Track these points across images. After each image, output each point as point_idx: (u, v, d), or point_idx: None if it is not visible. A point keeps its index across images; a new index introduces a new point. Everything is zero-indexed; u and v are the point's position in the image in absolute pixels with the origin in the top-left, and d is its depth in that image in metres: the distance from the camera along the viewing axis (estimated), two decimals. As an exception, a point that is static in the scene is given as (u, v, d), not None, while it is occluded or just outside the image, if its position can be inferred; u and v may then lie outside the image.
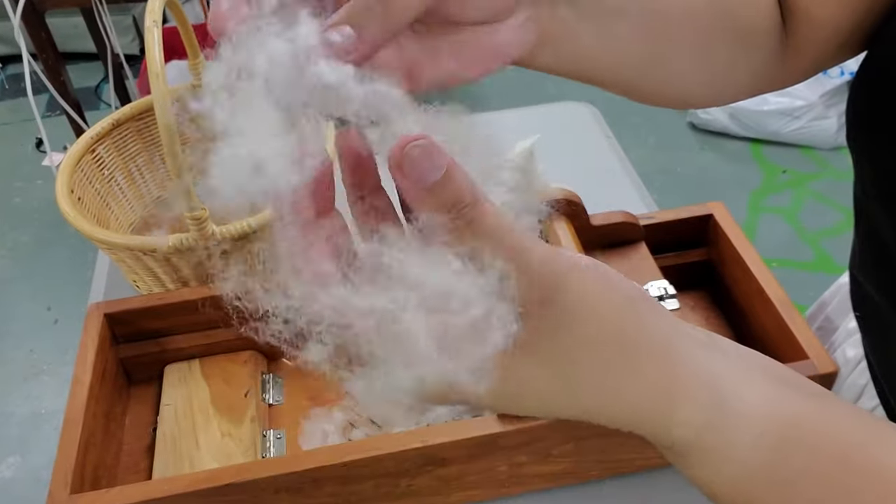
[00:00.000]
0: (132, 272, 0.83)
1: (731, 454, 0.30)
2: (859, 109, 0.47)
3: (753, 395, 0.31)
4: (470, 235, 0.27)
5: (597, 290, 0.29)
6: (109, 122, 0.91)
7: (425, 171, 0.27)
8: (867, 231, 0.52)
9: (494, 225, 0.27)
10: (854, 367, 0.67)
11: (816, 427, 0.30)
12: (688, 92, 0.49)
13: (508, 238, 0.27)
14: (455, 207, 0.27)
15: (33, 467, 1.74)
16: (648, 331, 0.30)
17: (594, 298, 0.29)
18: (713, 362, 0.31)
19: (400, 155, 0.27)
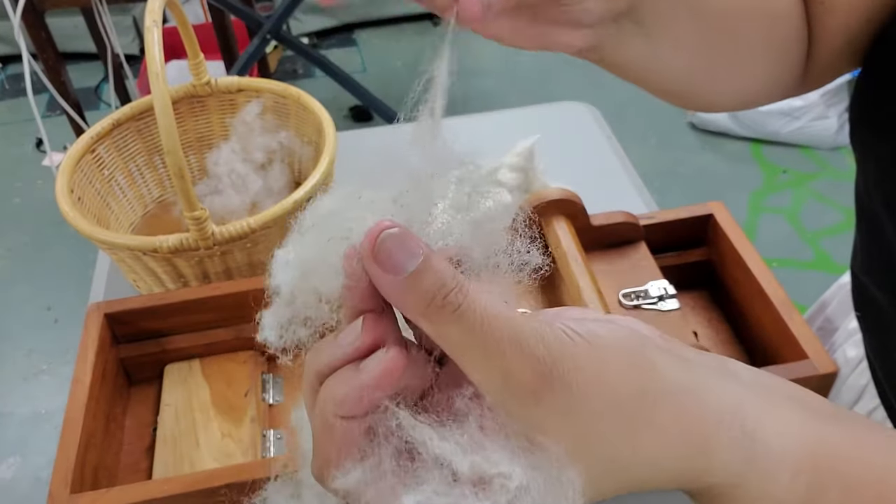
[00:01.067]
0: (132, 272, 0.83)
1: (769, 494, 0.29)
2: (862, 109, 0.47)
3: (778, 425, 0.29)
4: (458, 325, 0.26)
5: (595, 357, 0.27)
6: (109, 122, 0.91)
7: (402, 259, 0.26)
8: (869, 231, 0.52)
9: (483, 309, 0.26)
10: (854, 368, 0.67)
11: (845, 455, 0.29)
12: (723, 100, 0.50)
13: (498, 324, 0.26)
14: (440, 294, 0.26)
15: (33, 467, 1.74)
16: (659, 381, 0.28)
17: (596, 365, 0.27)
18: (731, 393, 0.29)
19: (373, 245, 0.26)
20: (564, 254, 0.70)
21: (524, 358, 0.25)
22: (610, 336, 0.28)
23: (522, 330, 0.26)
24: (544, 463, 0.26)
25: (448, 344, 0.26)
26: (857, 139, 0.49)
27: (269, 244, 0.81)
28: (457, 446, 0.26)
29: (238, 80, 0.97)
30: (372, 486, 0.27)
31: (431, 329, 0.26)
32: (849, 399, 0.67)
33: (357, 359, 0.28)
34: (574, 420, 0.26)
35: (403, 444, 0.27)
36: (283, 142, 0.96)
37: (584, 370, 0.26)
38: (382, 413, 0.27)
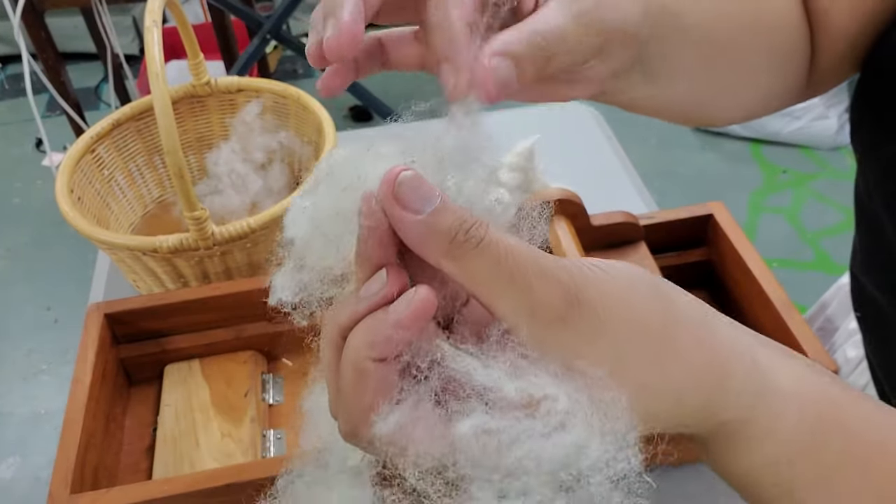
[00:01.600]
0: (132, 272, 0.83)
1: (776, 433, 0.29)
2: (863, 110, 0.47)
3: (787, 370, 0.30)
4: (483, 259, 0.26)
5: (619, 282, 0.28)
6: (109, 122, 0.91)
7: (421, 198, 0.26)
8: (869, 231, 0.52)
9: (505, 243, 0.26)
10: (854, 368, 0.67)
11: (847, 409, 0.30)
12: (729, 115, 0.51)
13: (521, 255, 0.26)
14: (462, 230, 0.26)
15: (33, 467, 1.74)
16: (678, 312, 0.29)
17: (619, 292, 0.27)
18: (743, 334, 0.31)
19: (392, 186, 0.26)
20: (564, 254, 0.70)
21: (550, 285, 0.26)
22: (628, 270, 0.28)
23: (546, 261, 0.26)
24: (587, 385, 0.26)
25: (474, 280, 0.26)
26: (858, 140, 0.49)
27: (270, 244, 0.80)
28: (501, 373, 0.26)
29: (238, 80, 0.97)
30: (416, 426, 0.26)
31: (456, 267, 0.26)
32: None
33: (382, 306, 0.28)
34: (603, 344, 0.26)
35: (442, 379, 0.27)
36: (283, 142, 0.96)
37: (609, 296, 0.27)
38: (419, 349, 0.27)
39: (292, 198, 0.32)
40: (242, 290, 0.75)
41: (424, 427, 0.27)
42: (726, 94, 0.48)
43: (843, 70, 0.50)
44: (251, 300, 0.76)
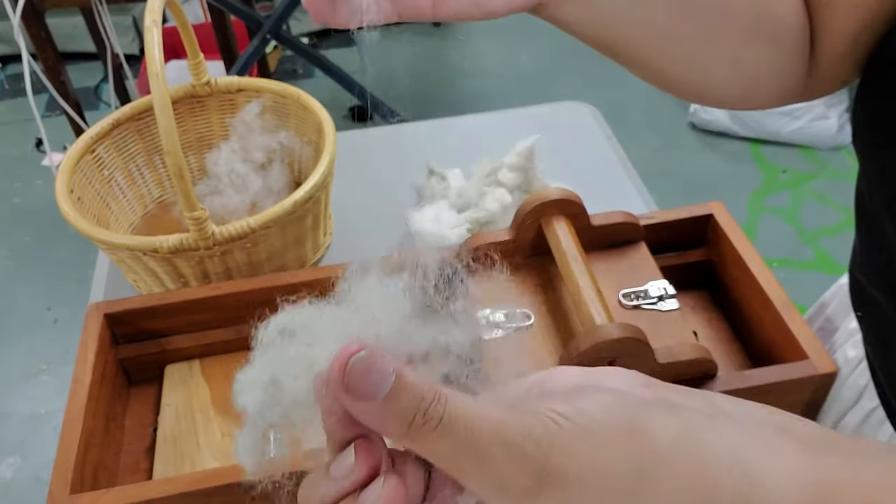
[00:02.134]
0: (132, 272, 0.83)
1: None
2: (865, 111, 0.47)
3: (778, 467, 0.28)
4: (444, 440, 0.25)
5: (586, 441, 0.26)
6: (109, 122, 0.91)
7: (374, 384, 0.25)
8: (869, 232, 0.52)
9: (466, 416, 0.25)
10: (854, 368, 0.67)
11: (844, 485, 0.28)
12: (716, 87, 0.49)
13: (482, 427, 0.25)
14: (419, 411, 0.25)
15: (33, 467, 1.74)
16: (655, 448, 0.27)
17: (588, 450, 0.26)
18: (727, 440, 0.28)
19: (342, 373, 0.25)
20: (564, 254, 0.70)
21: (515, 460, 0.25)
22: (598, 411, 0.27)
23: (509, 430, 0.25)
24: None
25: (437, 458, 0.26)
26: (860, 142, 0.49)
27: (269, 244, 0.81)
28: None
29: (238, 80, 0.97)
30: None
31: (417, 447, 0.26)
32: (849, 399, 0.67)
33: (352, 492, 0.27)
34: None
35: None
36: (283, 142, 0.96)
37: (578, 457, 0.26)
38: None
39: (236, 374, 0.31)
40: (242, 290, 0.75)
41: None
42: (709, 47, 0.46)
43: (845, 72, 0.49)
44: (251, 300, 0.76)
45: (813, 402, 0.68)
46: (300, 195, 0.78)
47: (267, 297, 0.77)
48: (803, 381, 0.65)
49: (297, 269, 0.87)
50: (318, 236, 0.90)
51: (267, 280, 0.76)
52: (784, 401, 0.66)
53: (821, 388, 0.66)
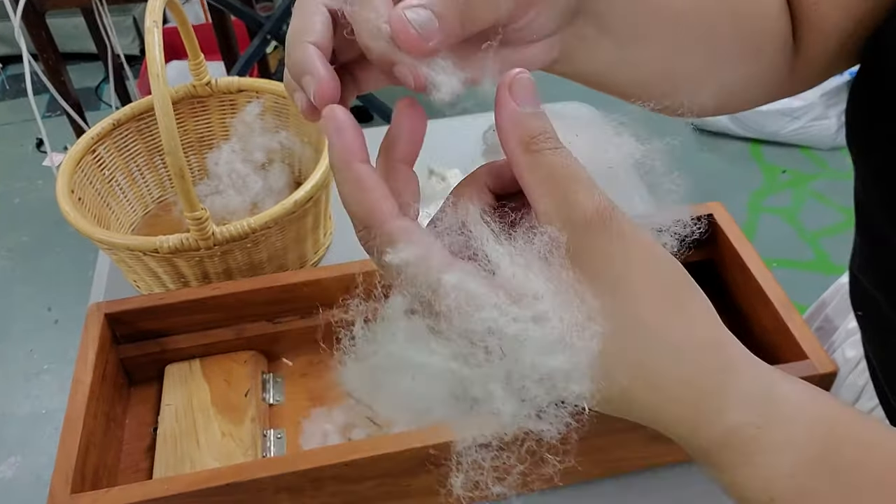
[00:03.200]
0: (132, 272, 0.83)
1: (793, 441, 0.29)
2: (859, 110, 0.47)
3: (792, 385, 0.31)
4: (548, 160, 0.29)
5: (652, 240, 0.30)
6: (110, 123, 0.91)
7: (529, 96, 0.30)
8: (867, 231, 0.52)
9: (572, 159, 0.30)
10: (853, 368, 0.67)
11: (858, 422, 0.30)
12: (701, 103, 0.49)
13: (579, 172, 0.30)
14: (543, 135, 0.29)
15: (34, 467, 1.74)
16: (697, 292, 0.31)
17: (650, 242, 0.30)
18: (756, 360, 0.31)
19: (512, 78, 0.30)
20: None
21: (592, 198, 0.29)
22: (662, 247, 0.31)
23: (599, 188, 0.30)
24: (576, 306, 0.28)
25: (532, 173, 0.30)
26: (854, 140, 0.49)
27: (270, 244, 0.81)
28: (508, 255, 0.29)
29: (238, 81, 0.97)
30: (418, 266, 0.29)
31: (525, 158, 0.30)
32: (847, 399, 0.67)
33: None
34: (619, 263, 0.29)
35: (460, 240, 0.30)
36: (284, 142, 0.96)
37: (637, 235, 0.29)
38: (451, 208, 0.31)
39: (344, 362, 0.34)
40: (243, 290, 0.75)
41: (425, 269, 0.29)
42: (698, 75, 0.47)
43: (836, 63, 0.49)
44: (251, 300, 0.76)
45: (812, 402, 0.68)
46: (300, 195, 0.78)
47: (267, 297, 0.77)
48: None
49: (297, 269, 0.87)
50: (318, 236, 0.90)
51: (267, 280, 0.76)
52: (783, 400, 0.66)
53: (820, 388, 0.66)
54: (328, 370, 0.79)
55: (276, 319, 0.78)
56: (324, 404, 0.75)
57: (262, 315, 0.78)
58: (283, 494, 0.62)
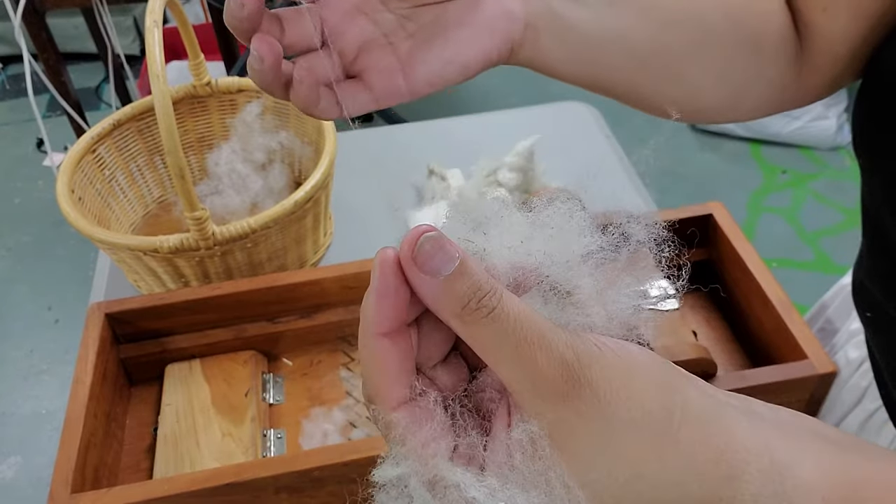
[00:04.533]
0: (133, 272, 0.83)
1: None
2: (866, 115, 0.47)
3: (808, 462, 0.29)
4: (491, 328, 0.26)
5: (627, 367, 0.27)
6: (110, 123, 0.91)
7: (439, 262, 0.27)
8: (874, 237, 0.52)
9: (516, 315, 0.26)
10: (856, 369, 0.67)
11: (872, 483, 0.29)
12: (703, 102, 0.50)
13: (530, 328, 0.26)
14: (476, 297, 0.26)
15: (34, 467, 1.74)
16: (686, 406, 0.28)
17: (625, 376, 0.27)
18: (759, 429, 0.29)
19: (413, 247, 0.27)
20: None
21: (554, 361, 0.26)
22: (641, 354, 0.28)
23: (554, 336, 0.27)
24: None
25: (480, 345, 0.27)
26: (863, 147, 0.48)
27: (270, 244, 0.81)
28: (486, 491, 0.27)
29: (238, 81, 0.98)
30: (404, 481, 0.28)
31: (464, 330, 0.27)
32: (850, 400, 0.67)
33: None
34: (600, 427, 0.26)
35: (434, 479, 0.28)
36: (284, 142, 0.96)
37: (612, 380, 0.27)
38: (423, 465, 0.28)
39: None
40: (243, 290, 0.75)
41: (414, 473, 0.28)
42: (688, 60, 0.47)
43: (846, 73, 0.49)
44: (251, 300, 0.76)
45: (812, 403, 0.68)
46: (300, 195, 0.78)
47: (267, 297, 0.77)
48: (802, 381, 0.65)
49: (297, 269, 0.87)
50: (318, 236, 0.90)
51: (267, 280, 0.76)
52: (783, 401, 0.66)
53: (820, 389, 0.67)
54: (328, 370, 0.79)
55: (276, 319, 0.78)
56: (324, 404, 0.76)
57: (262, 315, 0.78)
58: (283, 494, 0.62)
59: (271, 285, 0.76)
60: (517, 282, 0.30)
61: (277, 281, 0.76)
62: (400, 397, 0.28)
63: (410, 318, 0.29)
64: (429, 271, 0.27)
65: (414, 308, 0.29)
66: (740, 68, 0.48)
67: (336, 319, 0.79)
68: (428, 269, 0.27)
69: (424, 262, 0.27)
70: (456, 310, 0.27)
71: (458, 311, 0.27)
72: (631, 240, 0.32)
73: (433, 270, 0.27)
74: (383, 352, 0.28)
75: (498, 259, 0.29)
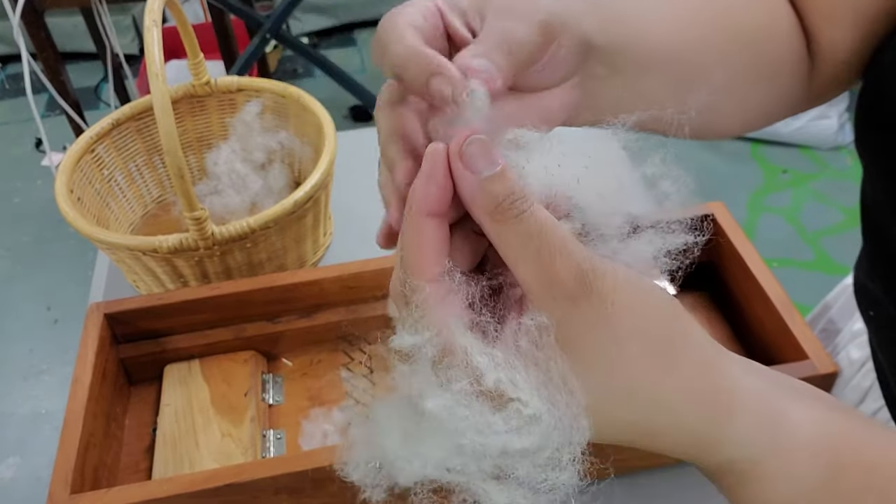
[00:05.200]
0: (132, 272, 0.83)
1: (791, 473, 0.30)
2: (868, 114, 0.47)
3: (800, 413, 0.31)
4: (518, 228, 0.28)
5: (638, 288, 0.29)
6: (109, 122, 0.91)
7: (482, 162, 0.29)
8: (875, 238, 0.52)
9: (542, 220, 0.28)
10: (859, 369, 0.67)
11: (864, 439, 0.31)
12: (721, 126, 0.51)
13: (553, 234, 0.28)
14: (508, 199, 0.28)
15: (33, 467, 1.74)
16: (693, 339, 0.30)
17: (635, 294, 0.29)
18: (756, 380, 0.31)
19: (461, 145, 0.29)
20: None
21: (571, 267, 0.28)
22: (652, 284, 0.30)
23: (575, 246, 0.28)
24: (563, 403, 0.28)
25: (505, 244, 0.29)
26: (864, 147, 0.48)
27: (269, 244, 0.81)
28: (490, 361, 0.28)
29: (238, 80, 0.97)
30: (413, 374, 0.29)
31: (493, 229, 0.29)
32: (852, 401, 0.67)
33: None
34: (604, 333, 0.28)
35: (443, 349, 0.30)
36: (283, 142, 0.96)
37: (622, 294, 0.28)
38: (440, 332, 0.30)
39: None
40: (242, 290, 0.75)
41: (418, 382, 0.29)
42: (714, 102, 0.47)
43: (849, 76, 0.49)
44: (251, 300, 0.76)
45: (813, 402, 0.68)
46: (300, 195, 0.78)
47: (267, 297, 0.77)
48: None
49: (296, 269, 0.87)
50: (318, 236, 0.90)
51: (267, 280, 0.76)
52: (784, 401, 0.66)
53: (821, 389, 0.66)
54: (328, 370, 0.79)
55: (275, 319, 0.78)
56: (323, 404, 0.75)
57: (261, 315, 0.78)
58: (282, 495, 0.61)
59: (271, 285, 0.76)
60: (549, 203, 0.32)
61: (277, 281, 0.76)
62: (434, 273, 0.30)
63: (449, 217, 0.31)
64: (471, 168, 0.29)
65: (452, 211, 0.30)
66: (760, 97, 0.49)
67: (336, 319, 0.79)
68: (471, 165, 0.29)
69: (468, 159, 0.29)
70: (489, 207, 0.28)
71: (490, 209, 0.28)
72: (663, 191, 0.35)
73: (475, 168, 0.29)
74: (426, 229, 0.30)
75: (534, 180, 0.31)
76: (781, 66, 0.48)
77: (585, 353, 0.28)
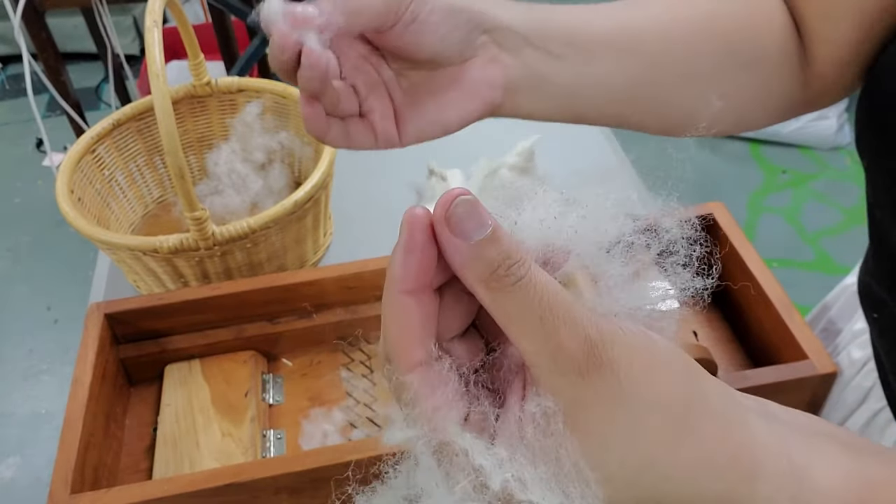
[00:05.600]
0: (132, 272, 0.83)
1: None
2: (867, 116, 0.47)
3: (825, 465, 0.29)
4: (517, 296, 0.26)
5: (651, 353, 0.27)
6: (110, 123, 0.91)
7: (472, 226, 0.26)
8: (878, 237, 0.52)
9: (543, 286, 0.26)
10: (860, 370, 0.67)
11: (888, 486, 0.29)
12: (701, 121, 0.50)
13: (555, 301, 0.26)
14: (504, 264, 0.26)
15: (34, 467, 1.74)
16: (706, 401, 0.27)
17: (648, 362, 0.26)
18: (777, 430, 0.29)
19: (446, 209, 0.26)
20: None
21: (577, 336, 0.26)
22: (663, 343, 0.28)
23: (579, 313, 0.26)
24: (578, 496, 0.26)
25: (504, 314, 0.26)
26: (865, 148, 0.48)
27: (269, 244, 0.81)
28: (494, 461, 0.26)
29: (238, 81, 0.97)
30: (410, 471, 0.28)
31: (489, 297, 0.26)
32: (854, 400, 0.67)
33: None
34: (618, 408, 0.26)
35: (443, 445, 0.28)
36: (283, 142, 0.96)
37: (634, 363, 0.26)
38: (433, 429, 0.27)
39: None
40: (242, 290, 0.75)
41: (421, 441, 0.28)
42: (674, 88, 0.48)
43: (850, 80, 0.49)
44: (251, 300, 0.76)
45: (813, 403, 0.68)
46: (300, 195, 0.78)
47: (267, 297, 0.77)
48: (803, 381, 0.65)
49: (296, 269, 0.87)
50: (318, 236, 0.90)
51: (267, 280, 0.76)
52: (784, 401, 0.66)
53: (821, 389, 0.66)
54: (328, 370, 0.79)
55: (275, 319, 0.78)
56: (323, 404, 0.75)
57: (261, 315, 0.78)
58: (282, 495, 0.62)
59: (271, 285, 0.76)
60: (546, 259, 0.29)
61: (277, 281, 0.76)
62: (417, 359, 0.27)
63: (435, 283, 0.28)
64: (460, 234, 0.26)
65: (439, 274, 0.28)
66: (740, 88, 0.49)
67: (336, 319, 0.79)
68: (459, 231, 0.26)
69: (456, 224, 0.26)
70: (483, 275, 0.26)
71: (485, 277, 0.26)
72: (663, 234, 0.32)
73: (465, 233, 0.26)
74: (406, 310, 0.27)
75: (529, 234, 0.29)
76: (763, 58, 0.48)
77: (598, 432, 0.26)
